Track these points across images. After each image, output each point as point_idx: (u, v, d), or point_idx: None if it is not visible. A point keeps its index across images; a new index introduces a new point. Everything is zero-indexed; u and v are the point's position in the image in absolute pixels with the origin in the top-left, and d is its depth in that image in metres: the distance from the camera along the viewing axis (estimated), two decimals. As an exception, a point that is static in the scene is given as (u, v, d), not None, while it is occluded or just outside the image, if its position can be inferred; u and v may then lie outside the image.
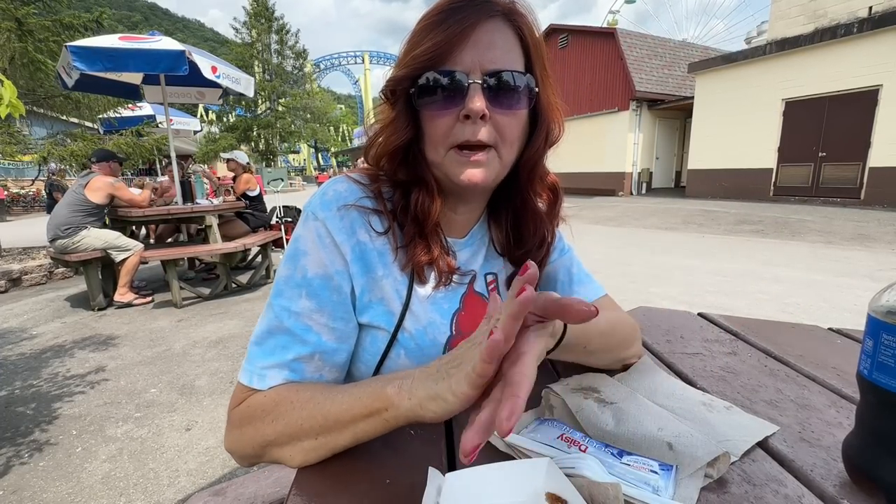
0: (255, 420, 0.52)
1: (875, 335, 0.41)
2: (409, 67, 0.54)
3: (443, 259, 0.62)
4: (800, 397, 0.61)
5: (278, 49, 28.69)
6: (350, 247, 0.57)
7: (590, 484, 0.39)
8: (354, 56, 61.33)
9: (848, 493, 0.43)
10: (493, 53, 0.53)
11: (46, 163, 6.29)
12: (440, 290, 0.64)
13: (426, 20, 0.54)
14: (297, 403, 0.49)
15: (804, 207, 9.34)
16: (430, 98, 0.54)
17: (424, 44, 0.53)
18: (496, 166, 0.57)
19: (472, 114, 0.52)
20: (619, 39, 13.88)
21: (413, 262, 0.60)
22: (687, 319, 0.95)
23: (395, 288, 0.60)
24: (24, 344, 3.08)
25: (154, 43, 3.80)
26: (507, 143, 0.56)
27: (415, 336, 0.61)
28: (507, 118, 0.55)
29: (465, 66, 0.53)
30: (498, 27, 0.54)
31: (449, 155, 0.56)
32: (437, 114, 0.55)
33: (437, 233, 0.62)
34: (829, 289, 3.91)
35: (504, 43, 0.54)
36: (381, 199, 0.61)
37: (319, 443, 0.47)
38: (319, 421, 0.47)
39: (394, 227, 0.60)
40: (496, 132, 0.55)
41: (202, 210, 4.17)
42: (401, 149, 0.59)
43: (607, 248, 6.17)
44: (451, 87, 0.53)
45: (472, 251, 0.68)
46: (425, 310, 0.62)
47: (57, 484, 1.67)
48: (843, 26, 9.22)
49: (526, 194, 0.65)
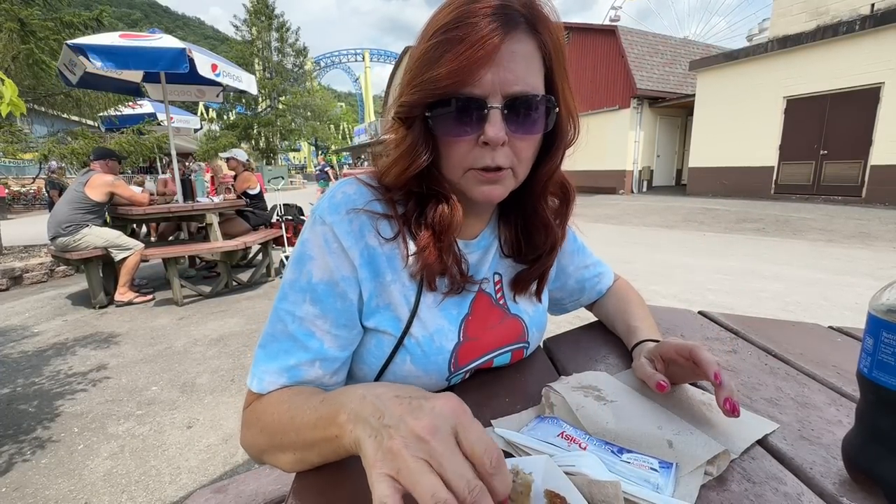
0: (251, 426, 0.53)
1: (875, 333, 0.41)
2: (425, 91, 0.51)
3: (456, 267, 0.61)
4: (800, 395, 0.61)
5: (279, 47, 28.62)
6: (359, 251, 0.56)
7: (590, 482, 0.39)
8: (355, 54, 61.23)
9: (847, 491, 0.43)
10: (515, 73, 0.50)
11: (47, 161, 6.29)
12: (450, 295, 0.63)
13: (441, 34, 0.50)
14: (276, 416, 0.49)
15: (805, 205, 9.33)
16: (447, 123, 0.53)
17: (441, 66, 0.49)
18: (511, 184, 0.57)
19: (491, 142, 0.51)
20: (621, 37, 13.83)
21: (426, 271, 0.59)
22: (687, 317, 0.95)
23: (404, 293, 0.59)
24: (26, 342, 3.09)
25: (154, 41, 3.79)
26: (522, 163, 0.56)
27: (421, 343, 0.60)
28: (524, 142, 0.54)
29: (485, 90, 0.50)
30: (520, 41, 0.50)
31: (466, 176, 0.55)
32: (454, 139, 0.53)
33: (454, 245, 0.61)
34: (829, 287, 3.91)
35: (525, 60, 0.51)
36: (392, 204, 0.59)
37: (298, 457, 0.48)
38: (292, 438, 0.47)
39: (404, 231, 0.59)
40: (513, 154, 0.54)
41: (203, 208, 4.17)
42: (420, 170, 0.56)
43: (608, 246, 6.16)
44: (469, 113, 0.51)
45: (481, 253, 0.67)
46: (433, 316, 0.61)
47: (59, 481, 1.68)
48: (846, 23, 9.18)
49: (539, 203, 0.64)
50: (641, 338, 0.69)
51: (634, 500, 0.39)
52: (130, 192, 3.95)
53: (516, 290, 0.70)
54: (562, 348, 0.80)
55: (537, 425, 0.52)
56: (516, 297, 0.71)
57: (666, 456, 0.45)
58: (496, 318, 0.68)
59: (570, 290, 0.84)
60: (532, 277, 0.69)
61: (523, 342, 0.71)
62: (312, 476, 0.48)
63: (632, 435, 0.49)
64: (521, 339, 0.71)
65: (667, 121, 14.79)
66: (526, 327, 0.71)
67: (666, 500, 0.39)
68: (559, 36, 0.54)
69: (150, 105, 7.73)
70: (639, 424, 0.50)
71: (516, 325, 0.70)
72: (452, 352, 0.62)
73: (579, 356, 0.76)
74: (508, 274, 0.70)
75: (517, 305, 0.71)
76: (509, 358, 0.70)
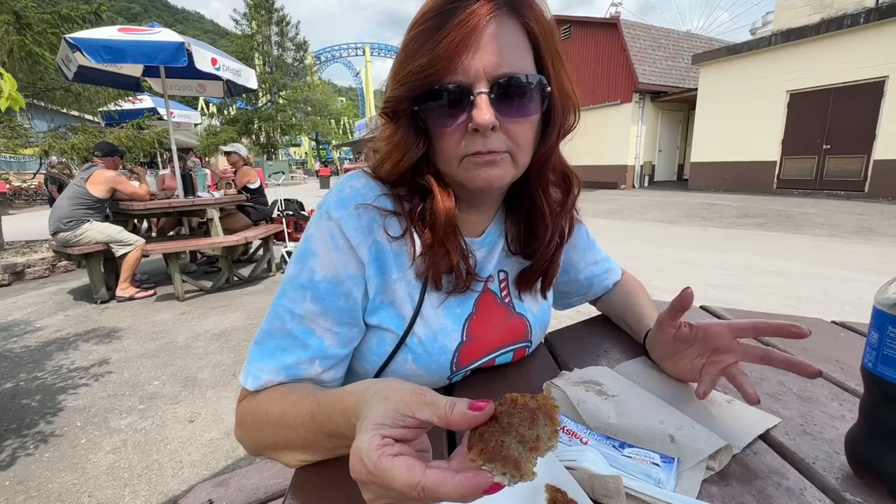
0: (246, 424, 0.53)
1: (881, 328, 0.40)
2: (408, 85, 0.50)
3: (463, 264, 0.59)
4: (802, 390, 0.61)
5: (279, 41, 28.50)
6: (367, 247, 0.55)
7: (591, 476, 0.39)
8: (355, 48, 60.88)
9: (850, 486, 0.43)
10: (499, 56, 0.48)
11: (48, 156, 6.29)
12: (454, 294, 0.62)
13: (420, 25, 0.49)
14: (272, 419, 0.49)
15: (808, 200, 9.29)
16: (435, 114, 0.51)
17: (420, 57, 0.48)
18: (511, 169, 0.54)
19: (480, 128, 0.48)
20: (622, 30, 13.73)
21: (433, 269, 0.57)
22: (689, 313, 0.94)
23: (408, 292, 0.58)
24: (28, 337, 3.10)
25: (153, 35, 3.78)
26: (521, 149, 0.53)
27: (424, 342, 0.59)
28: (519, 126, 0.52)
29: (469, 76, 0.48)
30: (501, 23, 0.49)
31: (462, 165, 0.53)
32: (444, 130, 0.52)
33: (456, 236, 0.58)
34: (832, 282, 3.90)
35: (509, 41, 0.49)
36: (399, 200, 0.57)
37: (298, 454, 0.48)
38: (292, 436, 0.47)
39: (411, 229, 0.57)
40: (509, 139, 0.52)
41: (203, 203, 4.16)
42: (413, 164, 0.55)
43: (610, 241, 6.15)
44: (456, 101, 0.49)
45: (488, 250, 0.66)
46: (437, 315, 0.60)
47: (62, 475, 1.69)
48: (850, 17, 9.10)
49: (536, 189, 0.61)
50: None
51: (636, 495, 0.39)
52: (132, 188, 3.95)
53: (521, 288, 0.69)
54: (563, 343, 0.79)
55: (538, 420, 0.51)
56: (521, 295, 0.70)
57: (668, 450, 0.45)
58: (501, 316, 0.67)
59: (578, 285, 0.84)
60: (537, 272, 0.68)
61: (526, 342, 0.71)
62: (312, 471, 0.48)
63: (633, 430, 0.48)
64: (524, 338, 0.70)
65: (669, 115, 14.71)
66: (530, 327, 0.70)
67: (667, 495, 0.39)
68: (545, 15, 0.52)
69: (150, 100, 7.71)
70: (640, 419, 0.50)
71: (520, 325, 0.69)
72: (455, 351, 0.62)
73: (581, 351, 0.76)
74: (514, 271, 0.69)
75: (522, 304, 0.70)
76: (511, 357, 0.70)
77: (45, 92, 5.67)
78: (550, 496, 0.37)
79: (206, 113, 26.67)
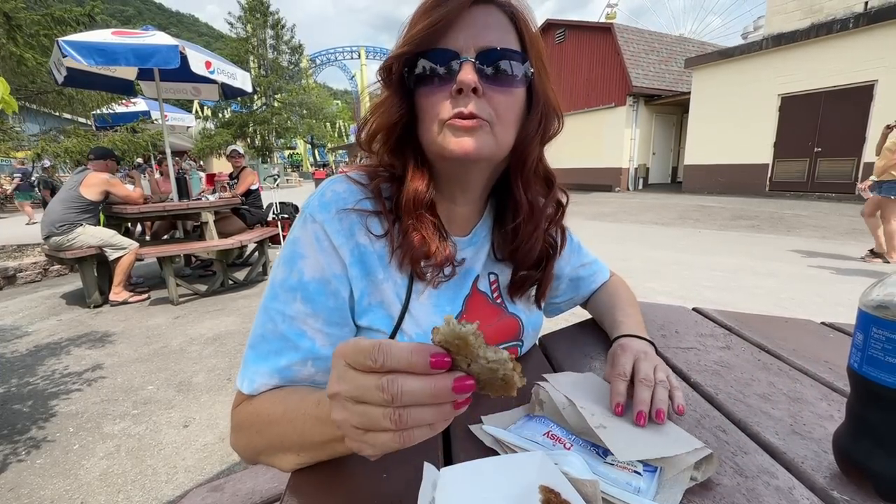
0: (243, 428, 0.53)
1: (865, 329, 0.41)
2: (404, 47, 0.55)
3: (441, 248, 0.60)
4: (792, 391, 0.62)
5: (274, 44, 28.41)
6: (349, 249, 0.56)
7: (570, 480, 0.39)
8: (350, 51, 60.88)
9: (838, 485, 0.44)
10: (487, 35, 0.54)
11: (40, 159, 6.24)
12: (441, 288, 0.62)
13: (423, 5, 0.55)
14: (273, 418, 0.49)
15: (799, 202, 9.38)
16: (423, 77, 0.55)
17: (419, 25, 0.54)
18: (490, 141, 0.54)
19: (463, 86, 0.52)
20: (616, 34, 13.84)
21: (410, 255, 0.58)
22: (682, 314, 0.96)
23: (396, 291, 0.59)
24: (20, 341, 3.06)
25: (147, 38, 3.76)
26: (501, 121, 0.55)
27: (413, 340, 0.59)
28: (501, 95, 0.54)
29: (458, 46, 0.53)
30: (492, 12, 0.55)
31: (443, 131, 0.54)
32: (430, 92, 0.55)
33: (435, 222, 0.60)
34: (823, 283, 3.94)
35: (498, 26, 0.55)
36: (381, 199, 0.59)
37: (295, 457, 0.48)
38: (291, 438, 0.47)
39: (392, 229, 0.59)
40: (490, 108, 0.54)
41: (198, 206, 4.14)
42: (394, 127, 0.57)
43: (603, 243, 6.18)
44: (443, 65, 0.53)
45: (474, 250, 0.67)
46: (426, 312, 0.61)
47: (54, 481, 1.67)
48: (839, 21, 9.24)
49: (516, 182, 0.62)
50: (622, 332, 0.68)
51: (613, 501, 0.39)
52: (126, 191, 3.93)
53: (513, 294, 0.70)
54: (557, 345, 0.80)
55: (525, 423, 0.52)
56: (514, 300, 0.70)
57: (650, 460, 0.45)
58: (493, 316, 0.68)
59: (562, 291, 0.84)
60: (529, 279, 0.69)
61: (517, 341, 0.71)
62: (308, 474, 0.48)
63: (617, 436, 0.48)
64: (516, 337, 0.71)
65: (662, 118, 14.83)
66: (522, 326, 0.71)
67: (644, 503, 0.39)
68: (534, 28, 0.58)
69: (143, 103, 7.67)
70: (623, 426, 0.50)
71: (513, 324, 0.70)
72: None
73: (575, 353, 0.77)
74: (505, 277, 0.70)
75: (515, 305, 0.71)
76: None
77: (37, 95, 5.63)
78: (544, 497, 0.37)
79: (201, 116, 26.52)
